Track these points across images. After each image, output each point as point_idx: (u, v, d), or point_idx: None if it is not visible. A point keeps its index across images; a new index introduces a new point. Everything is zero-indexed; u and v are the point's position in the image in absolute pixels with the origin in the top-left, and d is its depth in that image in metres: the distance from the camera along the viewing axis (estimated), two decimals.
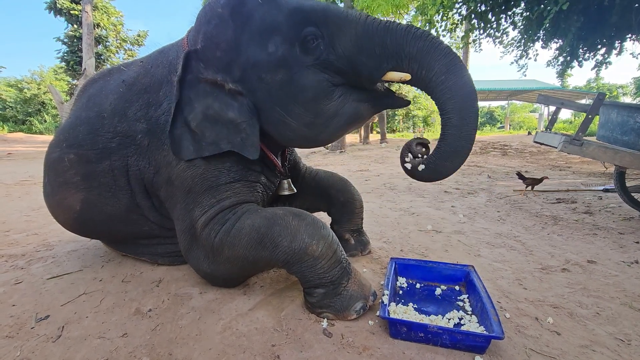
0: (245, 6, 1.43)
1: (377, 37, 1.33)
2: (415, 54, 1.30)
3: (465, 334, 1.20)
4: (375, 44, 1.34)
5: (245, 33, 1.43)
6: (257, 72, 1.44)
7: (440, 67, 1.27)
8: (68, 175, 1.74)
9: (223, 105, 1.50)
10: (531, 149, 10.59)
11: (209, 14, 1.50)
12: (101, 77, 1.95)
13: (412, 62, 1.32)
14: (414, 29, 1.31)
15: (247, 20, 1.42)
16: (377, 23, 1.35)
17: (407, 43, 1.30)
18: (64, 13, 17.01)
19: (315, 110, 1.44)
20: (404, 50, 1.31)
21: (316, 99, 1.43)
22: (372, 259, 2.07)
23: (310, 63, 1.39)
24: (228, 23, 1.45)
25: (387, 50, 1.33)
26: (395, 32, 1.32)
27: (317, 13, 1.38)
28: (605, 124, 3.01)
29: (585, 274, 1.90)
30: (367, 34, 1.35)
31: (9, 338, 1.30)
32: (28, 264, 2.03)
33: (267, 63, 1.42)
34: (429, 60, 1.28)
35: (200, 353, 1.21)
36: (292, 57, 1.40)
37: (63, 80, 22.13)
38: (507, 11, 6.57)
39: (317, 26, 1.38)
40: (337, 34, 1.37)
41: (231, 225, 1.46)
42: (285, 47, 1.39)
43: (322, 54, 1.39)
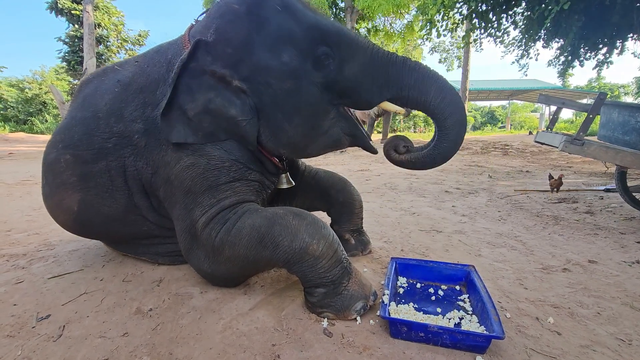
0: (262, 9, 1.44)
1: (382, 66, 1.48)
2: (413, 83, 1.47)
3: (465, 334, 1.20)
4: (380, 73, 1.49)
5: (260, 36, 1.44)
6: (266, 76, 1.46)
7: (435, 91, 1.46)
8: (65, 176, 1.74)
9: (225, 102, 1.50)
10: (532, 148, 10.57)
11: (224, 8, 1.51)
12: (96, 77, 1.94)
13: (411, 91, 1.48)
14: (409, 62, 1.49)
15: (263, 23, 1.44)
16: (381, 53, 1.49)
17: (405, 75, 1.47)
18: (65, 13, 17.03)
19: (312, 124, 1.54)
20: (404, 81, 1.48)
21: (316, 114, 1.52)
22: (372, 258, 2.07)
23: (319, 80, 1.47)
24: (243, 21, 1.45)
25: (390, 81, 1.49)
26: (396, 64, 1.48)
27: (332, 34, 1.46)
28: (606, 123, 3.01)
29: (586, 274, 1.89)
30: (373, 62, 1.48)
31: (10, 337, 1.30)
32: (29, 263, 2.04)
33: (278, 70, 1.44)
34: (424, 88, 1.46)
35: (201, 352, 1.21)
36: (303, 71, 1.45)
37: (64, 80, 22.16)
38: (508, 11, 6.56)
39: (330, 47, 1.46)
40: (347, 58, 1.47)
41: (232, 225, 1.46)
42: (298, 60, 1.44)
43: (331, 73, 1.47)
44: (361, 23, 16.68)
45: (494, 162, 8.27)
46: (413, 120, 28.98)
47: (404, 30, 16.62)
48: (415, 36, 16.39)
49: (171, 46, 1.71)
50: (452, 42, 25.08)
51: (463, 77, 16.49)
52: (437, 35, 7.78)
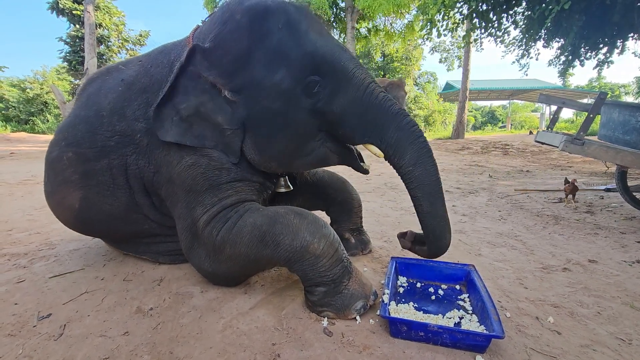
0: (264, 24, 1.43)
1: (370, 111, 1.43)
2: (393, 142, 1.42)
3: (465, 333, 1.20)
4: (365, 117, 1.44)
5: (258, 50, 1.43)
6: (257, 92, 1.45)
7: (410, 159, 1.39)
8: (67, 173, 1.75)
9: (216, 108, 1.51)
10: (533, 148, 10.56)
11: (226, 16, 1.49)
12: (100, 76, 1.96)
13: (389, 148, 1.43)
14: (400, 117, 1.42)
15: (263, 38, 1.42)
16: (374, 96, 1.43)
17: (390, 130, 1.41)
18: (66, 13, 17.04)
19: (297, 144, 1.53)
20: (386, 135, 1.42)
21: (301, 137, 1.51)
22: (372, 258, 2.08)
23: (307, 106, 1.45)
24: (244, 33, 1.44)
25: (374, 128, 1.44)
26: (386, 114, 1.43)
27: (327, 65, 1.42)
28: (606, 123, 3.01)
29: (586, 274, 1.89)
30: (363, 104, 1.43)
31: (11, 336, 1.31)
32: (30, 262, 2.04)
33: (269, 89, 1.43)
34: (402, 151, 1.40)
35: (201, 351, 1.21)
36: (293, 94, 1.43)
37: (65, 80, 22.17)
38: (508, 10, 6.55)
39: (323, 77, 1.42)
40: (338, 92, 1.44)
41: (233, 224, 1.46)
42: (289, 82, 1.42)
43: (319, 102, 1.45)
44: (361, 23, 16.66)
45: (495, 161, 8.26)
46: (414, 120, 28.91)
47: (404, 30, 16.59)
48: (415, 36, 16.36)
49: (175, 47, 1.71)
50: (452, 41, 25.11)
51: (463, 76, 16.47)
52: (437, 35, 7.77)
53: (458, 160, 8.51)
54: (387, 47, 23.27)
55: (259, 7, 1.44)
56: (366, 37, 17.76)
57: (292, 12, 1.45)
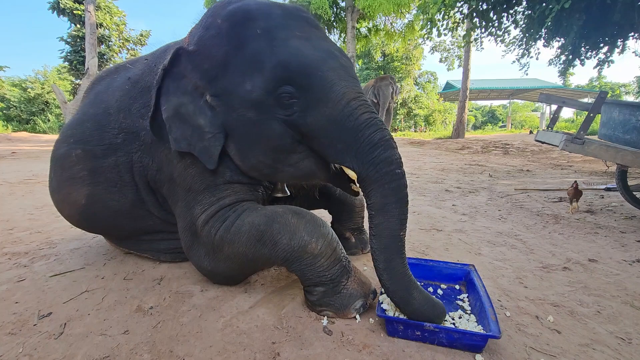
0: (243, 30, 1.38)
1: (345, 134, 1.27)
2: (364, 176, 1.26)
3: (462, 333, 1.20)
4: (340, 139, 1.28)
5: (236, 58, 1.38)
6: (232, 100, 1.40)
7: (375, 203, 1.24)
8: (75, 170, 1.77)
9: (197, 110, 1.47)
10: (533, 147, 10.55)
11: (209, 20, 1.47)
12: (108, 74, 2.00)
13: (360, 180, 1.29)
14: (379, 151, 1.22)
15: (241, 45, 1.37)
16: (353, 118, 1.26)
17: (364, 163, 1.25)
18: (67, 13, 17.06)
19: (274, 157, 1.42)
20: (359, 166, 1.27)
21: (278, 149, 1.40)
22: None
23: (281, 117, 1.34)
24: (223, 39, 1.40)
25: (346, 154, 1.29)
26: (363, 143, 1.24)
27: (302, 77, 1.29)
28: (607, 122, 3.00)
29: (586, 273, 1.89)
30: (338, 125, 1.28)
31: (11, 335, 1.31)
32: (31, 261, 2.05)
33: (242, 98, 1.37)
34: (370, 190, 1.25)
35: (201, 350, 1.21)
36: (265, 105, 1.34)
37: (66, 79, 22.19)
38: (508, 9, 6.54)
39: (297, 89, 1.30)
40: (313, 106, 1.30)
41: (231, 223, 1.46)
42: (261, 92, 1.32)
43: (294, 114, 1.33)
44: (362, 22, 16.65)
45: (495, 161, 8.26)
46: (414, 119, 28.95)
47: (404, 30, 16.57)
48: (415, 35, 16.35)
49: (176, 46, 1.73)
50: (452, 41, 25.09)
51: (464, 76, 16.46)
52: (437, 35, 7.77)
53: (458, 160, 8.51)
54: (388, 47, 23.28)
55: (239, 12, 1.41)
56: (366, 36, 17.75)
57: (276, 17, 1.39)
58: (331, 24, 16.38)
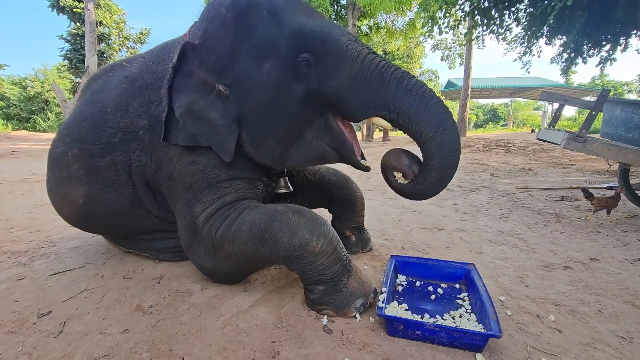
0: (249, 16, 1.41)
1: (370, 83, 1.32)
2: (405, 109, 1.29)
3: (462, 332, 1.19)
4: (367, 90, 1.33)
5: (244, 44, 1.42)
6: (248, 86, 1.43)
7: (429, 126, 1.27)
8: (72, 169, 1.76)
9: (208, 105, 1.49)
10: (534, 146, 10.53)
11: (212, 12, 1.49)
12: (104, 73, 1.97)
13: (402, 116, 1.30)
14: (407, 80, 1.29)
15: (249, 31, 1.41)
16: (373, 67, 1.32)
17: (398, 97, 1.29)
18: (67, 11, 17.05)
19: (292, 137, 1.46)
20: (394, 103, 1.30)
21: (298, 127, 1.45)
22: (373, 256, 2.07)
23: (300, 92, 1.38)
24: (229, 29, 1.43)
25: (378, 100, 1.32)
26: (389, 83, 1.30)
27: (316, 41, 1.34)
28: (609, 120, 2.99)
29: (587, 272, 1.88)
30: (361, 77, 1.33)
31: (11, 333, 1.31)
32: (31, 260, 2.05)
33: (258, 81, 1.40)
34: (418, 118, 1.28)
35: (201, 349, 1.21)
36: (284, 82, 1.38)
37: (66, 78, 22.21)
38: (510, 7, 6.51)
39: (313, 54, 1.35)
40: (332, 68, 1.35)
41: (232, 221, 1.46)
42: (278, 71, 1.37)
43: (313, 83, 1.37)
44: (363, 20, 16.61)
45: (496, 159, 8.24)
46: None
47: (405, 28, 16.52)
48: (417, 33, 16.30)
49: (175, 44, 1.72)
50: (454, 39, 25.03)
51: (465, 74, 16.43)
52: (439, 33, 7.74)
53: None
54: (389, 45, 23.20)
55: (243, 0, 1.43)
56: (367, 34, 17.71)
57: (279, 1, 1.42)
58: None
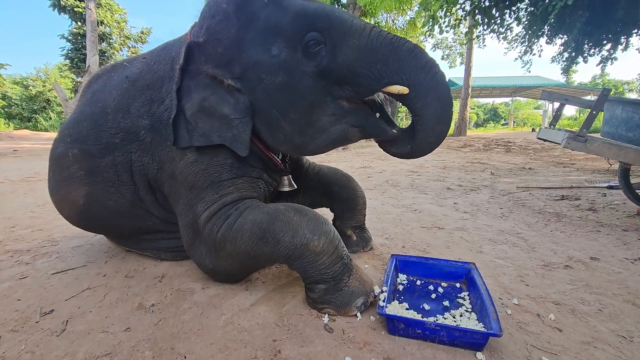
0: (250, 5, 1.43)
1: (380, 52, 1.35)
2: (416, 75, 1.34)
3: (462, 331, 1.20)
4: (377, 59, 1.35)
5: (249, 32, 1.43)
6: (258, 72, 1.44)
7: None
8: (72, 169, 1.76)
9: (219, 100, 1.50)
10: (535, 145, 10.52)
11: (214, 8, 1.51)
12: (105, 73, 1.97)
13: (412, 81, 1.35)
14: (417, 49, 1.35)
15: (252, 19, 1.43)
16: (382, 37, 1.35)
17: (411, 64, 1.34)
18: (68, 10, 17.07)
19: (309, 118, 1.45)
20: (407, 69, 1.34)
21: (312, 107, 1.44)
22: (373, 255, 2.08)
23: (311, 70, 1.40)
24: (232, 20, 1.45)
25: (389, 67, 1.35)
26: (402, 51, 1.34)
27: (321, 18, 1.37)
28: (609, 120, 2.99)
29: (587, 271, 1.89)
30: (372, 47, 1.35)
31: (14, 332, 1.32)
32: (33, 259, 2.06)
33: (269, 65, 1.42)
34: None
35: (202, 347, 1.22)
36: (294, 62, 1.40)
37: (68, 77, 22.26)
38: (511, 6, 6.51)
39: (320, 32, 1.37)
40: (340, 42, 1.37)
41: (233, 221, 1.46)
42: (287, 51, 1.40)
43: (323, 60, 1.38)
44: (363, 19, 16.60)
45: (497, 159, 8.23)
46: None
47: (406, 27, 16.49)
48: (417, 32, 16.27)
49: (176, 43, 1.73)
50: (454, 38, 24.97)
51: (466, 73, 16.41)
52: (439, 32, 7.75)
53: (460, 158, 8.49)
54: None
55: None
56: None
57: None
58: None
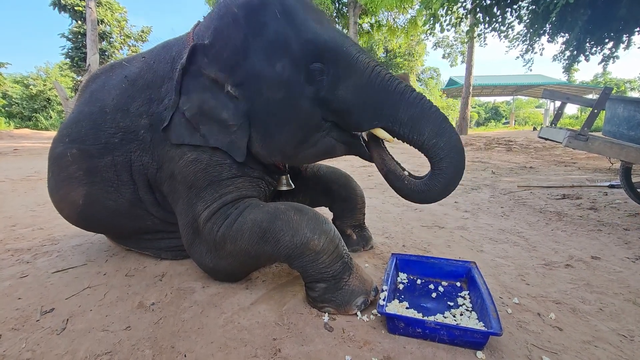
0: (261, 14, 1.42)
1: (376, 95, 1.37)
2: (406, 120, 1.35)
3: (462, 330, 1.20)
4: (373, 101, 1.38)
5: (257, 42, 1.42)
6: (259, 84, 1.44)
7: (430, 132, 1.33)
8: (71, 170, 1.76)
9: (219, 104, 1.50)
10: (536, 144, 10.50)
11: (223, 10, 1.50)
12: (103, 72, 1.96)
13: (403, 127, 1.36)
14: (408, 93, 1.36)
15: (261, 29, 1.42)
16: (379, 79, 1.37)
17: (401, 109, 1.35)
18: (69, 9, 17.05)
19: (302, 135, 1.49)
20: (397, 115, 1.36)
21: (306, 127, 1.47)
22: (374, 254, 2.08)
23: (310, 94, 1.41)
24: (241, 25, 1.44)
25: (382, 111, 1.38)
26: (393, 95, 1.36)
27: (329, 51, 1.39)
28: (611, 119, 2.98)
29: (588, 270, 1.88)
30: (368, 88, 1.38)
31: (14, 330, 1.32)
32: (34, 258, 2.06)
33: (270, 80, 1.42)
34: (419, 126, 1.34)
35: (202, 346, 1.22)
36: (295, 83, 1.41)
37: (68, 76, 22.24)
38: (512, 5, 6.49)
39: (325, 64, 1.39)
40: (342, 78, 1.39)
41: (233, 220, 1.46)
42: (291, 72, 1.40)
43: (323, 90, 1.41)
44: (364, 18, 16.56)
45: (498, 158, 8.22)
46: None
47: (407, 25, 16.47)
48: (418, 31, 16.26)
49: (177, 43, 1.72)
50: (455, 37, 24.95)
51: (467, 72, 16.37)
52: (440, 30, 7.73)
53: None
54: (390, 43, 23.13)
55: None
56: (369, 32, 17.67)
57: (290, 2, 1.44)
58: (333, 19, 16.31)
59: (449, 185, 1.38)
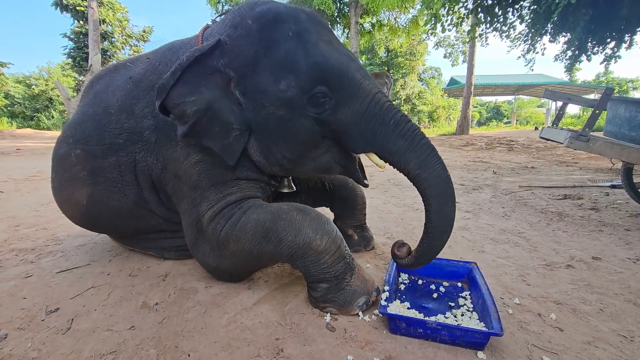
0: (274, 31, 1.41)
1: (372, 123, 1.39)
2: (395, 150, 1.37)
3: (464, 330, 1.21)
4: (368, 129, 1.40)
5: (266, 57, 1.41)
6: (263, 99, 1.43)
7: (416, 163, 1.35)
8: (75, 170, 1.77)
9: (228, 105, 1.47)
10: (538, 144, 10.48)
11: (237, 20, 1.47)
12: (107, 73, 1.97)
13: (392, 156, 1.39)
14: (402, 125, 1.37)
15: (272, 46, 1.40)
16: (377, 108, 1.39)
17: (391, 140, 1.38)
18: (70, 9, 17.08)
19: (301, 152, 1.49)
20: (387, 145, 1.38)
21: (305, 145, 1.47)
22: (375, 254, 2.09)
23: (312, 115, 1.41)
24: (253, 39, 1.42)
25: (375, 139, 1.40)
26: (387, 126, 1.38)
27: (335, 77, 1.39)
28: (612, 119, 2.98)
29: (589, 271, 1.89)
30: (366, 116, 1.39)
31: (20, 330, 1.34)
32: (38, 258, 2.07)
33: (274, 97, 1.41)
34: (406, 158, 1.36)
35: (206, 346, 1.23)
36: (298, 103, 1.40)
37: (70, 76, 22.30)
38: (514, 4, 6.48)
39: (330, 88, 1.39)
40: (344, 103, 1.41)
41: (237, 220, 1.47)
42: (295, 91, 1.38)
43: (324, 112, 1.41)
44: (365, 18, 16.53)
45: (499, 158, 8.21)
46: (418, 116, 28.80)
47: (408, 25, 16.43)
48: (420, 31, 16.22)
49: (184, 45, 1.71)
50: (457, 36, 24.85)
51: (468, 72, 16.35)
52: (442, 30, 7.73)
53: (462, 157, 8.48)
54: (391, 42, 23.11)
55: (270, 14, 1.43)
56: (370, 32, 17.63)
57: (303, 21, 1.43)
58: (334, 19, 16.29)
59: (444, 230, 1.36)
